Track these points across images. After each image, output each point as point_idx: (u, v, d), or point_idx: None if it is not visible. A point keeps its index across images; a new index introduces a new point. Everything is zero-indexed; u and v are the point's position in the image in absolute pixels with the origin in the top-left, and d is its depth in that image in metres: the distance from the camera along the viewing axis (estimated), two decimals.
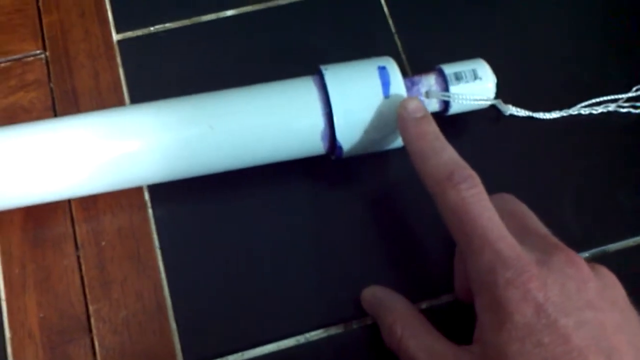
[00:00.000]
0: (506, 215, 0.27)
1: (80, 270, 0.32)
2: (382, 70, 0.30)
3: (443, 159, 0.27)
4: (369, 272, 0.32)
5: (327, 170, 0.33)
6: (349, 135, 0.30)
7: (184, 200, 0.33)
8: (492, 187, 0.29)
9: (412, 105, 0.29)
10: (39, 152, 0.29)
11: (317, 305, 0.31)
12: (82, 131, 0.30)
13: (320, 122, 0.30)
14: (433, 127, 0.29)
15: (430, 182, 0.27)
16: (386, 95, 0.30)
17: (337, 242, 0.32)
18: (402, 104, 0.30)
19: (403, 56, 0.36)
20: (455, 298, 0.31)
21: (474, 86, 0.32)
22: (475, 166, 0.34)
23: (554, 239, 0.26)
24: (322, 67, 0.31)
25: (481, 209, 0.25)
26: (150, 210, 0.33)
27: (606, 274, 0.25)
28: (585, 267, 0.24)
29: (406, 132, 0.29)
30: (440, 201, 0.27)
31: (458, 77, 0.32)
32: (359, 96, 0.30)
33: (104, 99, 0.35)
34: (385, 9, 0.37)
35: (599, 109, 0.35)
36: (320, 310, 0.31)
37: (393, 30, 0.37)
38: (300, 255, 0.32)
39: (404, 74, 0.35)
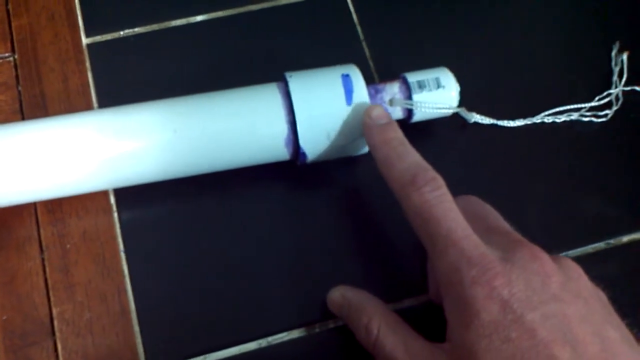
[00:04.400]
0: (470, 216, 0.27)
1: (45, 272, 0.32)
2: (346, 78, 0.31)
3: (406, 164, 0.28)
4: (337, 275, 0.32)
5: (295, 173, 0.34)
6: (312, 142, 0.31)
7: (150, 204, 0.33)
8: (457, 194, 0.30)
9: (376, 112, 0.30)
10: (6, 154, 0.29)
11: (281, 309, 0.31)
12: (48, 134, 0.30)
13: (284, 129, 0.31)
14: (397, 133, 0.29)
15: (395, 186, 0.28)
16: (349, 103, 0.30)
17: (303, 246, 0.33)
18: (367, 111, 0.30)
19: (371, 63, 0.37)
20: (429, 299, 0.31)
21: (437, 94, 0.32)
22: (440, 173, 0.34)
23: (518, 236, 0.27)
24: (287, 75, 0.31)
25: (445, 210, 0.26)
26: (115, 214, 0.33)
27: (570, 266, 0.26)
28: (548, 262, 0.25)
29: (371, 139, 0.30)
30: (405, 205, 0.27)
31: (421, 86, 0.32)
32: (322, 104, 0.30)
33: (72, 103, 0.35)
34: (354, 16, 0.38)
35: (562, 118, 0.36)
36: (283, 314, 0.31)
37: (361, 37, 0.37)
38: (265, 259, 0.32)
39: (372, 81, 0.36)
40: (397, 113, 0.33)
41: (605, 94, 0.36)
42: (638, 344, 0.24)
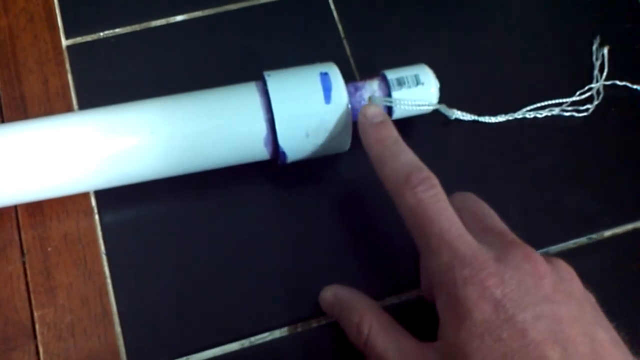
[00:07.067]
0: (466, 214, 0.27)
1: (26, 276, 0.32)
2: (324, 76, 0.31)
3: (400, 163, 0.28)
4: (324, 273, 0.32)
5: (280, 171, 0.34)
6: (291, 141, 0.31)
7: (131, 206, 0.33)
8: None
9: (371, 111, 0.30)
10: None
11: (263, 309, 0.31)
12: (26, 136, 0.30)
13: (262, 128, 0.31)
14: (391, 132, 0.29)
15: (390, 185, 0.28)
16: (327, 101, 0.30)
17: (288, 245, 0.33)
18: (362, 110, 0.30)
19: (352, 61, 0.37)
20: (419, 295, 0.31)
21: (417, 91, 0.32)
22: None
23: (512, 236, 0.27)
24: (266, 73, 0.31)
25: (438, 209, 0.26)
26: (96, 216, 0.33)
27: (563, 266, 0.26)
28: (541, 263, 0.25)
29: (366, 138, 0.30)
30: (399, 204, 0.27)
31: (400, 83, 0.32)
32: (300, 102, 0.30)
33: (52, 105, 0.35)
34: (335, 14, 0.38)
35: (544, 113, 0.36)
36: (266, 314, 0.31)
37: (342, 35, 0.37)
38: (247, 259, 0.32)
39: (353, 78, 0.36)
40: None
41: (586, 88, 0.36)
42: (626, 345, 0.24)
